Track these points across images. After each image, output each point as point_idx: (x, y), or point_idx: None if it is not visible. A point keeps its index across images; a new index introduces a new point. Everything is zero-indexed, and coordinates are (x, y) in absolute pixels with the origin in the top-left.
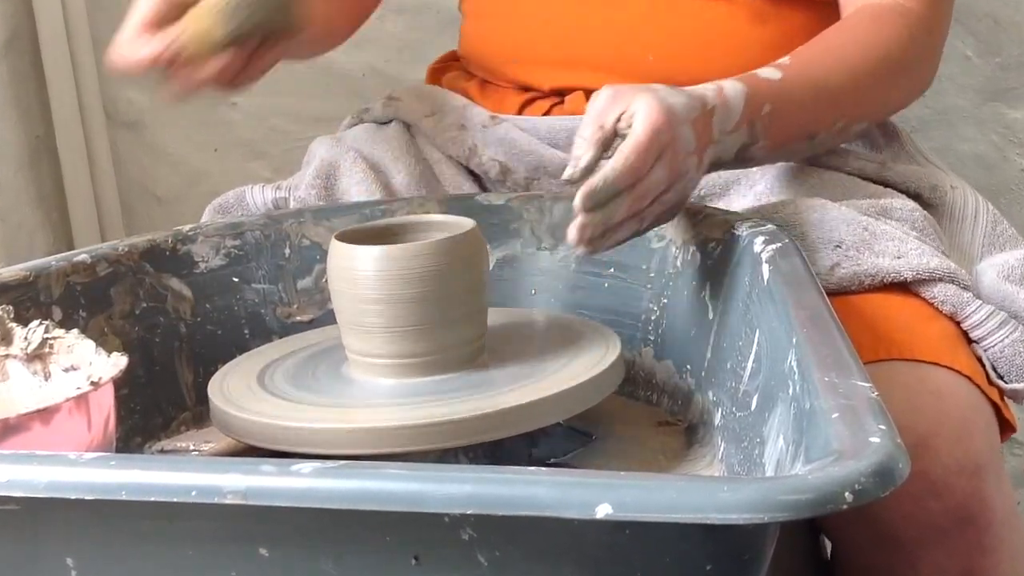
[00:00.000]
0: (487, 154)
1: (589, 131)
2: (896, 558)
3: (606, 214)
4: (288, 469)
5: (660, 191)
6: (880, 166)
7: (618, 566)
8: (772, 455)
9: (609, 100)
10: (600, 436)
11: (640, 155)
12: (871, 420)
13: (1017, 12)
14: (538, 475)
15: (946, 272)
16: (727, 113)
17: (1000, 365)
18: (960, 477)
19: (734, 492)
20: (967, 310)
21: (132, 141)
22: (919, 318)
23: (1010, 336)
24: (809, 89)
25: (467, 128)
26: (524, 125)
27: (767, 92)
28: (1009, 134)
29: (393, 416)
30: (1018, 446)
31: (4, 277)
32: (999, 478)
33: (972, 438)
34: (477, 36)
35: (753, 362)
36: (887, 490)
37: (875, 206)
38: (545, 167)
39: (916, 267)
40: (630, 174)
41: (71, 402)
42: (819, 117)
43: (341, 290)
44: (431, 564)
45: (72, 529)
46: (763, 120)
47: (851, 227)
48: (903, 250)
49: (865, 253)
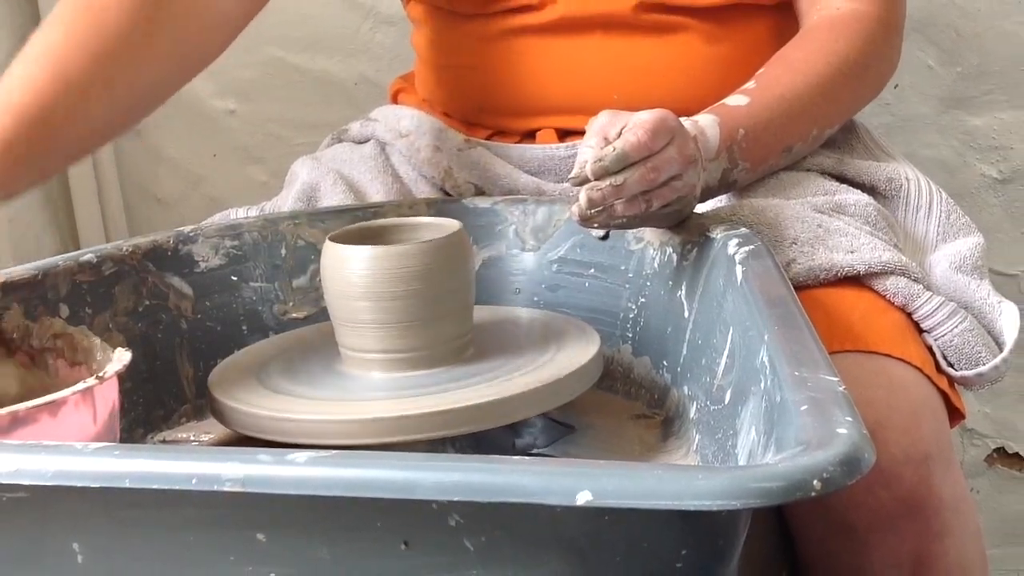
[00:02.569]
0: (462, 176)
1: (593, 140)
2: (850, 544)
3: (615, 183)
4: (284, 458)
5: (673, 172)
6: (837, 161)
7: (598, 550)
8: (744, 446)
9: (610, 116)
10: (580, 428)
11: (649, 133)
12: (838, 412)
13: (977, 25)
14: (522, 464)
15: (898, 265)
16: (706, 142)
17: (950, 354)
18: (908, 466)
19: (708, 480)
20: (918, 302)
21: (135, 147)
22: (872, 310)
23: (959, 326)
24: (778, 106)
25: (442, 150)
26: (498, 151)
27: (738, 117)
28: (969, 140)
29: (383, 408)
30: (978, 436)
31: (14, 276)
32: (947, 466)
33: (920, 429)
34: (438, 84)
35: (727, 358)
36: (853, 478)
37: (830, 202)
38: (519, 191)
39: (869, 261)
40: (641, 148)
41: (77, 395)
42: (792, 130)
43: (334, 288)
44: (420, 549)
45: (78, 516)
46: (739, 144)
47: (806, 224)
48: (856, 245)
49: (819, 249)
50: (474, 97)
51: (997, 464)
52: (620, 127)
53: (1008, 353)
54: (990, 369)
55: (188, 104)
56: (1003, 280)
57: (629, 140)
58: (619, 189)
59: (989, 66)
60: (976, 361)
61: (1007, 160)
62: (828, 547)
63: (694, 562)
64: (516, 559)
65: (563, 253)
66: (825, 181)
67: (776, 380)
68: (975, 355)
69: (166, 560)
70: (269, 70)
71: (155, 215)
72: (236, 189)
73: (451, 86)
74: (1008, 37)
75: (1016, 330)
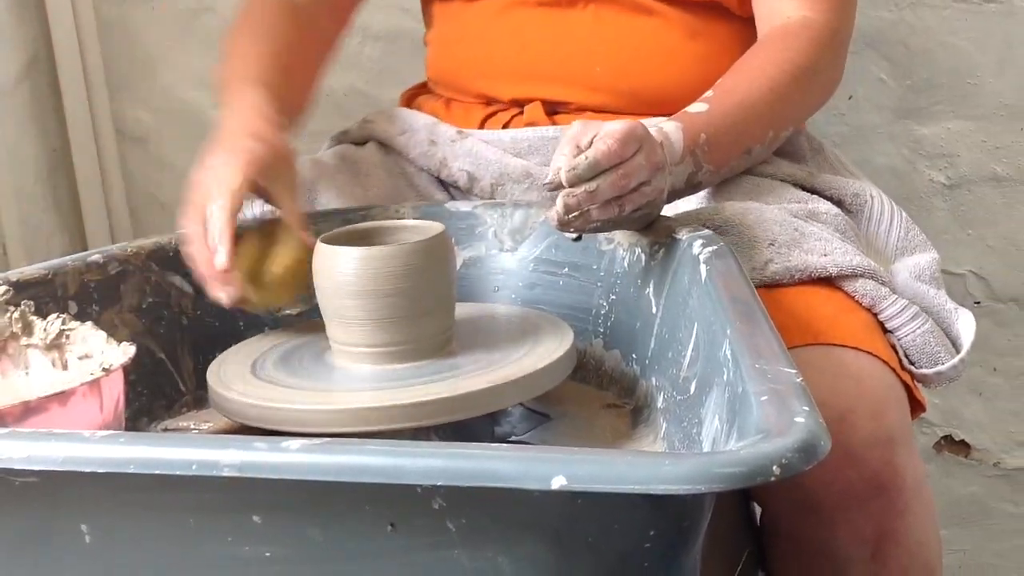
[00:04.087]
0: (456, 165)
1: (567, 148)
2: (818, 522)
3: (589, 189)
4: (278, 445)
5: (643, 178)
6: (809, 175)
7: (572, 531)
8: (708, 434)
9: (582, 125)
10: (555, 417)
11: (619, 142)
12: (796, 402)
13: (926, 40)
14: (501, 451)
15: (867, 269)
16: (671, 147)
17: (911, 353)
18: (874, 449)
19: (675, 466)
20: (884, 303)
21: (139, 154)
22: (842, 309)
23: (921, 328)
24: (736, 112)
25: (437, 143)
26: (488, 138)
27: (700, 123)
28: (919, 148)
29: (371, 398)
30: (927, 425)
31: (25, 275)
32: (909, 450)
33: (886, 414)
34: (443, 59)
35: (692, 351)
36: (810, 464)
37: (804, 209)
38: (509, 174)
39: (840, 264)
40: (612, 156)
41: (85, 386)
42: (751, 133)
43: (325, 287)
44: (405, 530)
45: (86, 499)
46: (702, 148)
47: (783, 227)
48: (829, 249)
49: (796, 251)
50: (473, 66)
51: (945, 451)
52: (591, 136)
53: (965, 354)
54: (949, 368)
55: (189, 115)
56: (951, 279)
57: (600, 149)
58: (593, 195)
59: (937, 79)
60: (935, 360)
61: (954, 167)
62: (797, 524)
63: (661, 541)
64: (495, 539)
65: (539, 253)
66: (798, 191)
67: (738, 372)
68: (935, 355)
69: (168, 540)
70: None
71: (158, 218)
72: None
73: (455, 60)
74: (955, 52)
75: (972, 334)
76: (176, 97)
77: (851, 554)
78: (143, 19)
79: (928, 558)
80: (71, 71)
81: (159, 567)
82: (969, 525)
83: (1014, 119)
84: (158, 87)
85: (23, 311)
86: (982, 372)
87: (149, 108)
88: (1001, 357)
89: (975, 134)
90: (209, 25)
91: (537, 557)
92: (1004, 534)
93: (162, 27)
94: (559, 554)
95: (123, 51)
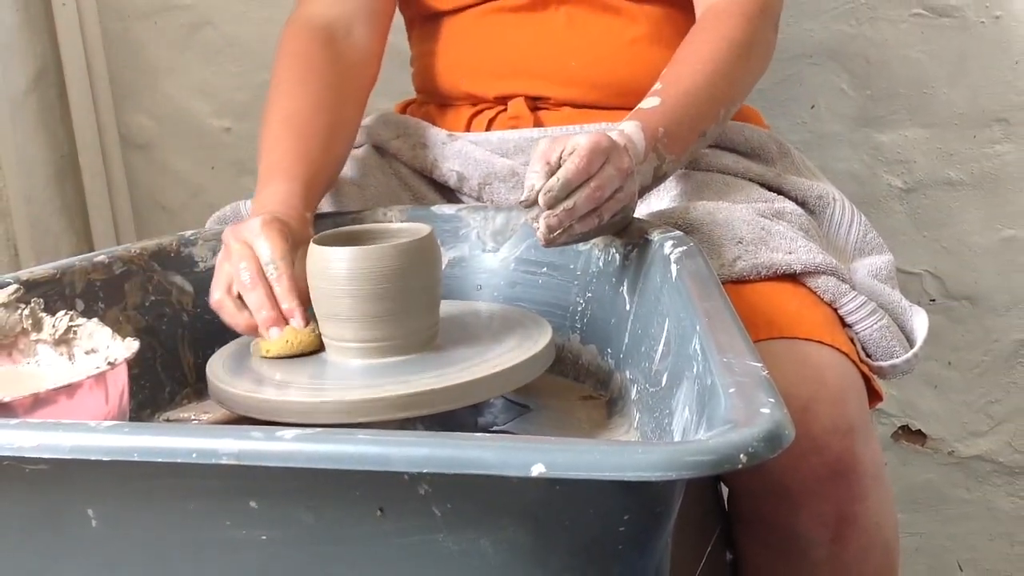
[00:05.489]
0: (446, 166)
1: (537, 166)
2: (783, 505)
3: (567, 207)
4: (273, 435)
5: (615, 187)
6: (776, 175)
7: (550, 516)
8: (679, 424)
9: (550, 142)
10: (535, 408)
11: (586, 158)
12: (762, 394)
13: (884, 53)
14: (483, 440)
15: (829, 267)
16: (635, 148)
17: (868, 346)
18: (835, 436)
19: (647, 454)
20: (844, 299)
21: (143, 160)
22: (805, 304)
23: (878, 323)
24: (686, 99)
25: (428, 146)
26: (476, 139)
27: (656, 117)
28: (878, 154)
29: (361, 391)
30: (885, 416)
31: (35, 275)
32: (868, 438)
33: (846, 404)
34: (430, 69)
35: (663, 346)
36: (776, 452)
37: (770, 209)
38: (496, 173)
39: (804, 262)
40: (581, 173)
41: (91, 379)
42: (703, 116)
43: (318, 285)
44: (394, 515)
45: (92, 486)
46: (662, 140)
47: (751, 227)
48: (794, 247)
49: (762, 249)
50: (457, 70)
51: (902, 440)
52: (559, 151)
53: (919, 349)
54: (903, 361)
55: (190, 123)
56: (908, 278)
57: (570, 168)
58: (571, 212)
59: (895, 89)
60: (891, 354)
61: (911, 172)
62: (762, 508)
63: (635, 526)
64: (478, 524)
65: (519, 254)
66: (765, 191)
67: (707, 366)
68: (890, 349)
69: (169, 524)
70: (261, 93)
71: (160, 221)
72: (232, 198)
73: (441, 68)
74: (912, 64)
75: (925, 331)
76: (177, 106)
77: (813, 536)
78: (146, 33)
79: (886, 540)
80: (78, 82)
81: (161, 549)
82: (925, 510)
83: (967, 127)
84: (160, 96)
85: (33, 308)
86: (937, 366)
87: (152, 116)
88: (955, 352)
89: (930, 141)
90: (208, 38)
91: (517, 540)
92: (958, 518)
93: (164, 41)
94: (538, 537)
95: (127, 63)
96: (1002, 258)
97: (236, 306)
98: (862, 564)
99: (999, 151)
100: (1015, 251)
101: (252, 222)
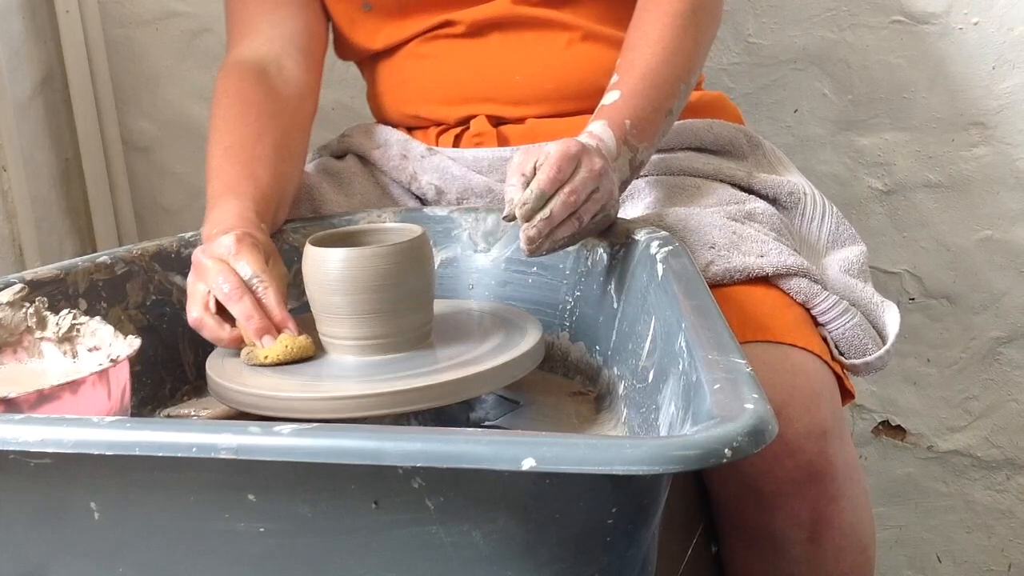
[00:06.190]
0: (425, 179)
1: (514, 179)
2: (759, 506)
3: (544, 216)
4: (271, 430)
5: (590, 189)
6: (747, 175)
7: (540, 509)
8: (665, 419)
9: (523, 154)
10: (525, 403)
11: (555, 166)
12: (746, 390)
13: (865, 58)
14: (475, 435)
15: (800, 268)
16: (606, 146)
17: (841, 345)
18: (809, 439)
19: (635, 449)
20: (816, 300)
21: (144, 163)
22: (778, 306)
23: (850, 322)
24: (644, 84)
25: (408, 158)
26: (454, 155)
27: (620, 111)
28: (859, 157)
29: (356, 387)
30: (865, 411)
31: (40, 275)
32: (841, 439)
33: (819, 408)
34: (386, 101)
35: (650, 343)
36: (759, 447)
37: (741, 211)
38: (472, 189)
39: (776, 264)
40: (553, 181)
41: (94, 376)
42: (665, 95)
43: (314, 285)
44: (388, 508)
45: (95, 479)
46: (631, 132)
47: (723, 231)
48: (765, 250)
49: (735, 253)
50: (412, 101)
51: (882, 435)
52: (533, 163)
53: (891, 346)
54: (875, 359)
55: (190, 127)
56: (888, 277)
57: (541, 179)
58: (549, 220)
59: (875, 94)
60: (864, 352)
61: (891, 175)
62: (740, 509)
63: (622, 519)
64: (470, 516)
65: (510, 254)
66: (736, 192)
67: (692, 362)
68: (863, 346)
69: (170, 517)
70: None
71: (161, 222)
72: None
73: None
74: (892, 69)
75: (897, 327)
76: (178, 110)
77: (789, 536)
78: (147, 39)
79: (861, 539)
80: (82, 87)
81: (161, 541)
82: (904, 503)
83: (945, 130)
84: (161, 101)
85: (38, 307)
86: (916, 363)
87: (153, 120)
88: (934, 349)
89: (910, 144)
90: (207, 44)
91: (508, 532)
92: (936, 511)
93: (165, 46)
94: (528, 529)
95: (129, 68)
96: (979, 258)
97: (217, 322)
98: (838, 563)
99: (976, 154)
100: (992, 251)
101: (223, 239)
